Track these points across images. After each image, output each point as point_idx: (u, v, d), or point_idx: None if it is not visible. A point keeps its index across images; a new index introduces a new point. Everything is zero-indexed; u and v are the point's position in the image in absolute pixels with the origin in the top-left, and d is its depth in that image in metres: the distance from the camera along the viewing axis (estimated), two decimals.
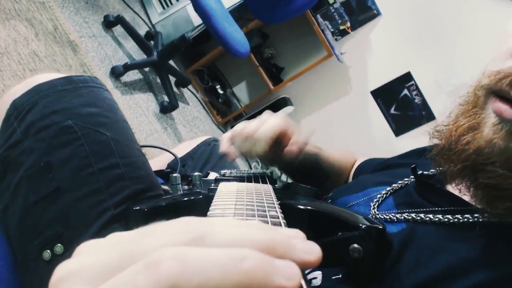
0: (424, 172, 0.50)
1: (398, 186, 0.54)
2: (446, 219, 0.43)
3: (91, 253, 0.18)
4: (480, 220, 0.41)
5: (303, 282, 0.17)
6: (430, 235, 0.43)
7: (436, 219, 0.43)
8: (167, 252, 0.15)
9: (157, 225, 0.18)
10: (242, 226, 0.18)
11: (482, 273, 0.37)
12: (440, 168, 0.44)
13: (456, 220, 0.42)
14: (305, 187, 0.55)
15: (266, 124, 0.59)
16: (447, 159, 0.42)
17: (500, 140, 0.36)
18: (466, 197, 0.45)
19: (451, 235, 0.42)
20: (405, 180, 0.54)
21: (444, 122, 0.43)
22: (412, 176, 0.51)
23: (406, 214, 0.47)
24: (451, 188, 0.47)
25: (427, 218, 0.44)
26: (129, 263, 0.16)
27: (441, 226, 0.43)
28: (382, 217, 0.49)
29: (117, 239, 0.18)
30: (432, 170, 0.45)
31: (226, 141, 0.64)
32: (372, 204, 0.53)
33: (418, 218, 0.45)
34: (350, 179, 0.82)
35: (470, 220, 0.41)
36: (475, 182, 0.39)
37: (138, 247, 0.17)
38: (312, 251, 0.18)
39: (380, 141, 2.72)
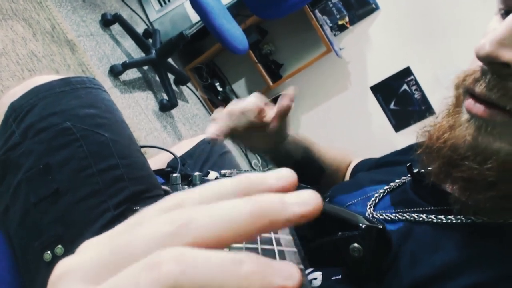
0: (421, 171, 0.50)
1: (395, 185, 0.54)
2: (439, 220, 0.43)
3: (90, 250, 0.18)
4: (474, 220, 0.41)
5: (304, 279, 0.17)
6: (426, 234, 0.43)
7: (430, 219, 0.44)
8: (168, 252, 0.15)
9: (143, 213, 0.19)
10: (224, 201, 0.18)
11: (477, 272, 0.37)
12: (426, 167, 0.45)
13: (449, 221, 0.42)
14: (304, 186, 0.55)
15: (248, 99, 0.64)
16: (429, 157, 0.43)
17: (469, 136, 0.38)
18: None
19: (447, 234, 0.42)
20: (403, 179, 0.54)
21: (431, 122, 0.45)
22: (409, 175, 0.52)
23: (400, 214, 0.47)
24: (447, 186, 0.47)
25: (420, 219, 0.45)
26: (123, 258, 0.16)
27: (437, 225, 0.43)
28: (377, 216, 0.49)
29: (111, 234, 0.18)
30: (430, 168, 0.46)
31: (210, 128, 0.66)
32: (368, 204, 0.53)
33: (412, 218, 0.45)
34: (347, 178, 0.82)
35: (464, 221, 0.42)
36: (451, 177, 0.41)
37: (129, 242, 0.17)
38: (307, 199, 0.18)
39: (380, 136, 2.72)
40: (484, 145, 0.37)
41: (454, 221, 0.42)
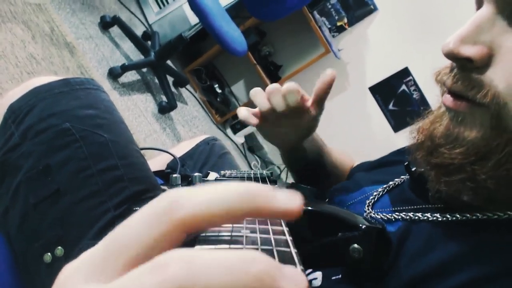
0: (419, 169, 0.50)
1: (393, 184, 0.55)
2: (435, 218, 0.44)
3: (93, 252, 0.18)
4: (469, 217, 0.42)
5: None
6: (423, 232, 0.44)
7: (426, 217, 0.44)
8: (174, 254, 0.15)
9: (138, 213, 0.18)
10: (211, 189, 0.18)
11: (474, 269, 0.37)
12: (415, 159, 0.46)
13: (445, 218, 0.43)
14: (304, 187, 0.55)
15: (286, 84, 0.58)
16: (416, 149, 0.46)
17: (442, 126, 0.41)
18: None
19: (443, 232, 0.43)
20: (401, 178, 0.55)
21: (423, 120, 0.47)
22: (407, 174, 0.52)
23: (396, 214, 0.47)
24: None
25: (418, 217, 0.45)
26: (120, 246, 0.17)
27: (434, 223, 0.44)
28: (376, 216, 0.50)
29: (110, 236, 0.18)
30: (428, 167, 0.46)
31: (244, 109, 0.61)
32: (367, 202, 0.53)
33: (407, 217, 0.46)
34: None
35: (460, 218, 0.42)
36: (430, 164, 0.43)
37: (122, 229, 0.17)
38: (293, 199, 0.19)
39: (379, 137, 2.72)
40: (456, 134, 0.40)
41: (450, 219, 0.43)
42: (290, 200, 0.18)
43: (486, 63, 0.37)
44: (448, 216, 0.43)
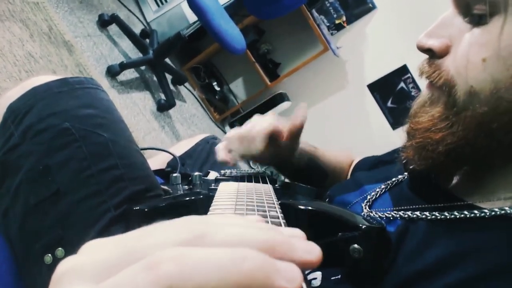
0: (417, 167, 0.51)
1: (393, 183, 0.55)
2: (434, 216, 0.44)
3: (94, 251, 0.18)
4: (468, 215, 0.42)
5: (303, 285, 0.17)
6: (421, 231, 0.44)
7: (425, 216, 0.45)
8: (167, 253, 0.15)
9: (158, 224, 0.18)
10: (242, 226, 0.18)
11: (469, 266, 0.37)
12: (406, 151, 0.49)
13: (443, 216, 0.43)
14: (305, 187, 0.55)
15: (258, 124, 0.63)
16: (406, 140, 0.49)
17: (416, 105, 0.47)
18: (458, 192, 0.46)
19: (441, 230, 0.43)
20: (405, 175, 0.55)
21: None
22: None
23: (395, 213, 0.48)
24: (444, 183, 0.48)
25: (416, 216, 0.45)
26: (130, 262, 0.16)
27: (432, 222, 0.44)
28: (375, 215, 0.50)
29: (120, 238, 0.18)
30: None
31: (222, 150, 0.67)
32: (365, 202, 0.53)
33: (408, 216, 0.46)
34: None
35: (457, 217, 0.42)
36: (407, 138, 0.48)
37: (139, 246, 0.17)
38: (312, 250, 0.18)
39: (378, 134, 2.72)
40: (426, 111, 0.45)
41: (448, 217, 0.43)
42: (309, 251, 0.18)
43: (446, 52, 0.44)
44: (447, 214, 0.43)
